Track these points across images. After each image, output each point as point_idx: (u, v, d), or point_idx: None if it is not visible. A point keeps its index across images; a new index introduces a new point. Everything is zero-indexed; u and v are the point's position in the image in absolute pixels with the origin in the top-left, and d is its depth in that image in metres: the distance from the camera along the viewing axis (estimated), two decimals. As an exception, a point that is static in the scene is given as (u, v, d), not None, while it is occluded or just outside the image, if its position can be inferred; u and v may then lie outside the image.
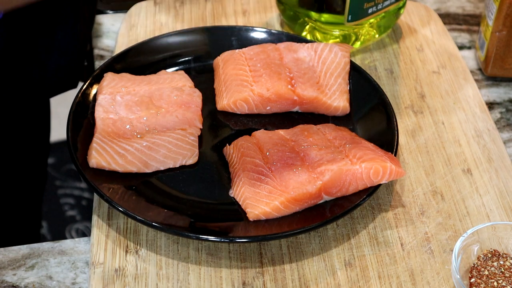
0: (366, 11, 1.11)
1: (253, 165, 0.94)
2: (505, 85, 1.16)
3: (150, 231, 0.93)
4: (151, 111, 1.00)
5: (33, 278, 0.90)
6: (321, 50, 1.08)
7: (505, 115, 1.12)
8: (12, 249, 0.93)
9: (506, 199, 0.99)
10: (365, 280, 0.90)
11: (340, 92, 1.04)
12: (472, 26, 1.26)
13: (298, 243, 0.93)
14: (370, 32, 1.17)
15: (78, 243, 0.95)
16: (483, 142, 1.05)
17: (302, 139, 0.97)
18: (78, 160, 0.94)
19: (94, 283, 0.88)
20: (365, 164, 0.92)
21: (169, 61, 1.10)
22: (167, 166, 0.97)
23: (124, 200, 0.91)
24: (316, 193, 0.92)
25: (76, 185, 2.06)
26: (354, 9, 1.10)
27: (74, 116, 0.99)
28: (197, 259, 0.91)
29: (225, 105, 1.04)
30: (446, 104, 1.11)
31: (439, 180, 1.00)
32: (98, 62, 1.17)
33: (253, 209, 0.91)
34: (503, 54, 1.13)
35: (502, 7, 1.09)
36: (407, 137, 1.06)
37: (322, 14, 1.13)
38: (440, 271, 0.91)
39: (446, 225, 0.95)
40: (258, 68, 1.06)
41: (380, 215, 0.96)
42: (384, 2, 1.12)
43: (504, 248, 0.91)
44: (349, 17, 1.11)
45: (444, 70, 1.16)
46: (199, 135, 1.00)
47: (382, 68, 1.16)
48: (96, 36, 1.22)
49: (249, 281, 0.89)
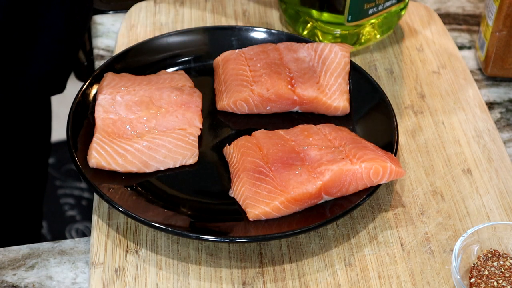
0: (367, 12, 1.11)
1: (253, 165, 0.94)
2: (505, 85, 1.16)
3: (150, 231, 0.93)
4: (151, 111, 1.00)
5: (33, 278, 0.90)
6: (321, 50, 1.08)
7: (505, 115, 1.12)
8: (12, 249, 0.93)
9: (506, 199, 0.99)
10: (365, 280, 0.90)
11: (340, 92, 1.04)
12: (472, 26, 1.26)
13: (298, 243, 0.93)
14: (371, 33, 1.17)
15: (78, 243, 0.95)
16: (483, 142, 1.05)
17: (302, 139, 0.97)
18: (78, 160, 0.94)
19: (94, 283, 0.88)
20: (365, 164, 0.92)
21: (169, 61, 1.10)
22: (167, 166, 0.97)
23: (124, 200, 0.91)
24: (316, 193, 0.92)
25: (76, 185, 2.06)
26: (354, 9, 1.10)
27: (74, 116, 0.99)
28: (197, 259, 0.91)
29: (225, 105, 1.04)
30: (446, 104, 1.11)
31: (439, 180, 1.00)
32: (98, 62, 1.17)
33: (253, 209, 0.91)
34: (503, 54, 1.13)
35: (502, 7, 1.09)
36: (407, 137, 1.06)
37: (323, 14, 1.13)
38: (440, 271, 0.91)
39: (446, 225, 0.95)
40: (258, 68, 1.06)
41: (380, 215, 0.96)
42: (385, 3, 1.12)
43: (504, 248, 0.91)
44: (349, 17, 1.11)
45: (444, 70, 1.16)
46: (199, 135, 1.00)
47: (382, 68, 1.16)
48: (96, 36, 1.22)
49: (249, 281, 0.89)
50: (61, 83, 1.15)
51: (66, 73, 1.16)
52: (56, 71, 1.12)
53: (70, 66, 1.17)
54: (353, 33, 1.15)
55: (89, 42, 1.23)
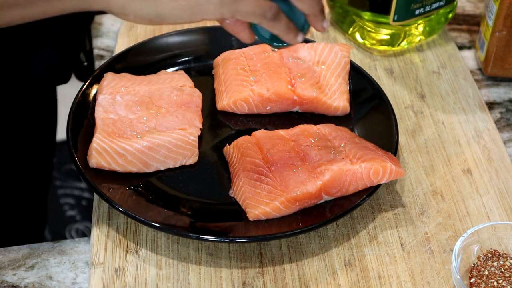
0: (413, 12, 1.12)
1: (253, 165, 0.94)
2: (505, 85, 1.16)
3: (150, 231, 0.93)
4: (151, 111, 1.00)
5: (33, 278, 0.90)
6: (321, 50, 1.08)
7: (505, 115, 1.12)
8: (12, 249, 0.93)
9: (506, 199, 0.99)
10: (365, 280, 0.90)
11: (340, 92, 1.04)
12: (472, 26, 1.26)
13: (298, 243, 0.93)
14: (417, 34, 1.17)
15: (78, 243, 0.95)
16: (483, 142, 1.05)
17: (302, 139, 0.97)
18: (78, 160, 0.94)
19: (94, 283, 0.88)
20: (365, 164, 0.92)
21: (169, 61, 1.10)
22: (167, 166, 0.97)
23: (124, 200, 0.91)
24: (316, 193, 0.92)
25: (76, 185, 2.06)
26: (400, 9, 1.11)
27: (74, 116, 0.99)
28: (197, 259, 0.91)
29: (225, 105, 1.04)
30: (446, 104, 1.11)
31: (439, 180, 1.00)
32: (98, 62, 1.17)
33: (253, 209, 0.91)
34: (503, 54, 1.13)
35: (502, 7, 1.09)
36: (407, 137, 1.06)
37: (370, 13, 1.13)
38: (440, 271, 0.91)
39: (446, 225, 0.96)
40: (258, 68, 1.06)
41: (380, 215, 0.96)
42: (432, 5, 1.12)
43: (504, 248, 0.91)
44: (395, 17, 1.11)
45: (444, 70, 1.16)
46: (199, 135, 1.00)
47: (382, 68, 1.16)
48: (96, 36, 1.22)
49: (249, 281, 0.89)
50: (67, 72, 1.15)
51: (72, 62, 1.16)
52: (62, 60, 1.12)
53: (76, 56, 1.16)
54: (398, 33, 1.15)
55: (89, 42, 1.23)
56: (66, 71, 1.14)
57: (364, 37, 1.17)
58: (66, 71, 1.14)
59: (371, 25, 1.15)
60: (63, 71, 1.14)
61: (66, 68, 1.14)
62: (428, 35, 1.19)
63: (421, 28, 1.17)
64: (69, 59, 1.14)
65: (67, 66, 1.15)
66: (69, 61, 1.14)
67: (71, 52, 1.14)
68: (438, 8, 1.14)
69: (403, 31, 1.15)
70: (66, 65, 1.14)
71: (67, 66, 1.15)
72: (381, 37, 1.16)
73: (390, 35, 1.15)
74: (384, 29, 1.15)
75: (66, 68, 1.14)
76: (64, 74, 1.14)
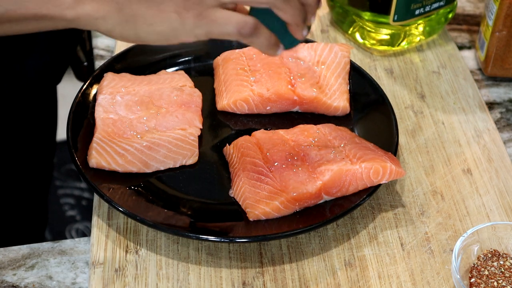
0: (413, 12, 1.12)
1: (253, 165, 0.94)
2: (505, 85, 1.16)
3: (150, 231, 0.93)
4: (151, 111, 1.00)
5: (33, 278, 0.90)
6: (321, 50, 1.08)
7: (505, 115, 1.12)
8: (12, 249, 0.93)
9: (506, 199, 0.99)
10: (365, 280, 0.90)
11: (340, 92, 1.04)
12: (472, 26, 1.26)
13: (298, 243, 0.93)
14: (417, 34, 1.17)
15: (78, 243, 0.95)
16: (483, 142, 1.05)
17: (302, 139, 0.97)
18: (78, 160, 0.94)
19: (94, 283, 0.88)
20: (365, 164, 0.92)
21: (169, 61, 1.10)
22: (167, 166, 0.97)
23: (124, 200, 0.91)
24: (316, 193, 0.92)
25: (76, 185, 2.06)
26: (400, 9, 1.11)
27: (74, 116, 0.99)
28: (197, 259, 0.91)
29: (225, 105, 1.04)
30: (446, 104, 1.11)
31: (439, 180, 1.00)
32: (98, 62, 1.17)
33: (253, 209, 0.91)
34: (503, 54, 1.13)
35: (502, 7, 1.09)
36: (407, 137, 1.06)
37: (370, 13, 1.13)
38: (440, 271, 0.91)
39: (446, 225, 0.95)
40: (258, 68, 1.06)
41: (380, 215, 0.96)
42: (432, 5, 1.13)
43: (504, 248, 0.91)
44: (395, 17, 1.11)
45: (444, 70, 1.16)
46: (199, 135, 1.00)
47: (382, 68, 1.16)
48: (96, 36, 1.22)
49: (249, 281, 0.89)
50: (58, 74, 1.15)
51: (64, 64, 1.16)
52: (54, 62, 1.12)
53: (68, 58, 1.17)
54: (398, 33, 1.15)
55: (89, 42, 1.23)
56: (58, 72, 1.15)
57: (364, 37, 1.17)
58: (58, 72, 1.15)
59: (371, 25, 1.15)
60: (54, 73, 1.14)
61: (58, 69, 1.14)
62: (428, 35, 1.19)
63: (421, 28, 1.17)
64: (61, 61, 1.14)
65: (59, 67, 1.15)
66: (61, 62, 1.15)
67: (62, 55, 1.14)
68: (438, 8, 1.14)
69: (403, 31, 1.16)
70: (58, 67, 1.14)
71: (59, 68, 1.15)
72: (381, 37, 1.16)
73: (390, 35, 1.15)
74: (384, 29, 1.15)
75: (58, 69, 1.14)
76: (55, 75, 1.14)
